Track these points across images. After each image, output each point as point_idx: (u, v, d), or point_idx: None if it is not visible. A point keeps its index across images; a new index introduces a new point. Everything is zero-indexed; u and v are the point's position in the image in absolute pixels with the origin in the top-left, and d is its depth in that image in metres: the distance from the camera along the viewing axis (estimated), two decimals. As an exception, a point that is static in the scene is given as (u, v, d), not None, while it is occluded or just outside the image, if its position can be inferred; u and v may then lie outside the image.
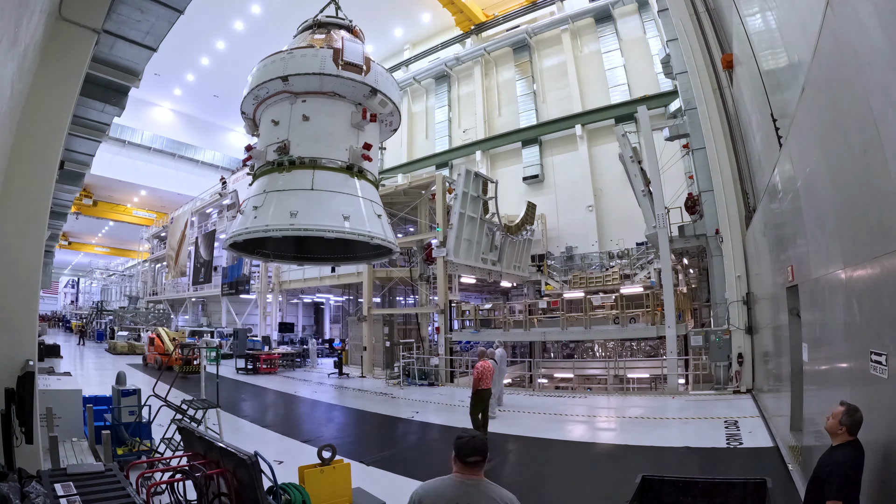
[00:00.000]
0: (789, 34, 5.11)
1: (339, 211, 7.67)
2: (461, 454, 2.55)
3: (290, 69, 7.89)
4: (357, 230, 7.77)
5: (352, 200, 7.92)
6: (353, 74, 7.96)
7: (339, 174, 7.97)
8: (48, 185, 5.18)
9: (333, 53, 7.92)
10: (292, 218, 7.46)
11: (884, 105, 2.59)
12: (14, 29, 3.53)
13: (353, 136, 8.19)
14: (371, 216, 8.12)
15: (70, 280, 71.02)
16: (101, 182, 37.71)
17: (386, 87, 8.58)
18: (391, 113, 8.96)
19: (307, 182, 7.73)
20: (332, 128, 8.12)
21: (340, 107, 8.21)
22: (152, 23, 6.01)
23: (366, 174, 8.37)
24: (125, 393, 7.36)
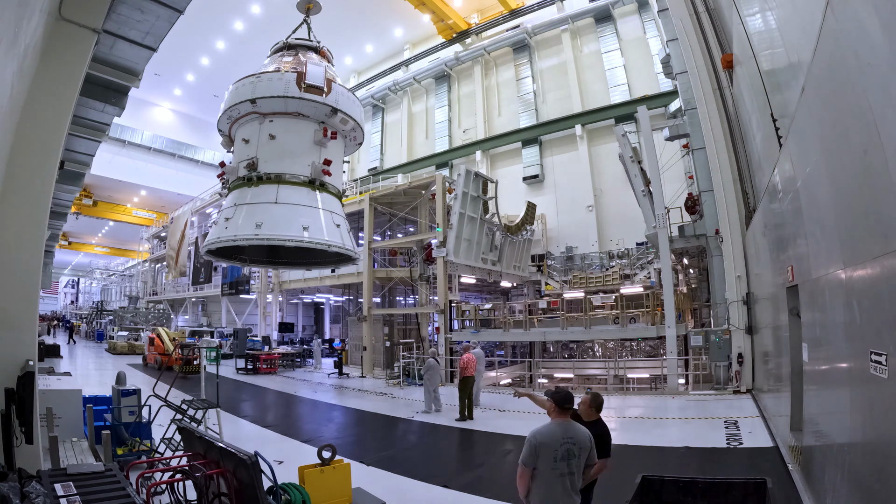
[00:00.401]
0: (789, 34, 5.11)
1: (300, 222, 8.55)
2: (561, 403, 3.55)
3: (257, 92, 8.70)
4: (315, 239, 8.56)
5: (312, 212, 8.77)
6: (315, 96, 8.74)
7: (301, 188, 8.83)
8: (48, 185, 5.17)
9: (297, 77, 8.71)
10: (257, 228, 8.33)
11: (884, 105, 2.59)
12: (14, 29, 3.53)
13: (315, 153, 9.00)
14: (330, 226, 8.93)
15: (70, 280, 71.02)
16: (101, 182, 37.70)
17: (346, 106, 9.31)
18: (353, 129, 9.72)
19: (272, 196, 8.64)
20: (296, 146, 8.96)
21: (304, 126, 9.02)
22: (152, 23, 6.01)
23: (328, 187, 9.14)
24: (125, 393, 7.36)
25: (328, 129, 9.02)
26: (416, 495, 6.24)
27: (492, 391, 15.32)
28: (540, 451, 3.31)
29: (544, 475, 3.31)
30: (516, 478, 3.42)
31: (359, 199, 23.20)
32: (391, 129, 37.37)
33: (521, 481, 3.40)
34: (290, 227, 8.50)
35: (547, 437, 3.36)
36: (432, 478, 6.80)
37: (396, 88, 36.26)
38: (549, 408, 3.60)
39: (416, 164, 33.26)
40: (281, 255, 10.12)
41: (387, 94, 37.08)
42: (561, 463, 3.34)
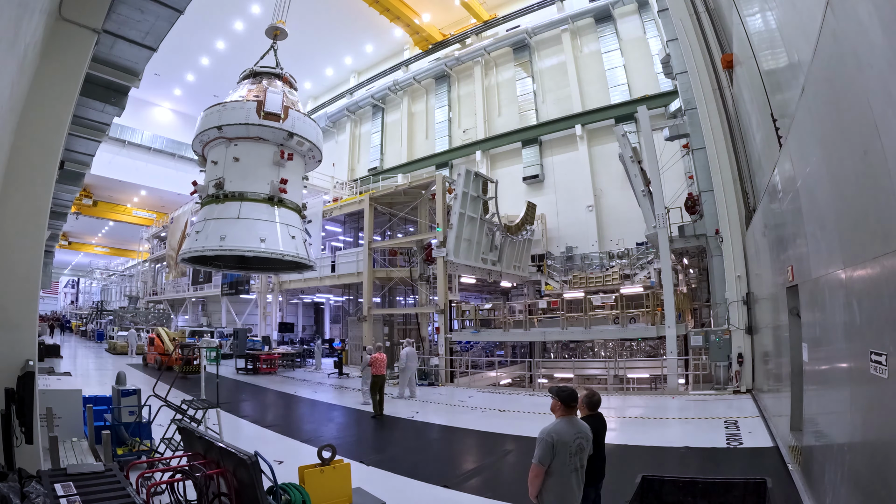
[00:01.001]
0: (789, 34, 5.11)
1: (258, 234, 9.73)
2: (567, 401, 3.61)
3: (222, 120, 9.89)
4: (271, 250, 9.76)
5: (269, 226, 9.97)
6: (272, 122, 9.91)
7: (261, 204, 10.02)
8: (48, 185, 5.17)
9: (257, 105, 9.90)
10: (221, 241, 9.55)
11: (884, 105, 2.59)
12: (14, 29, 3.53)
13: (274, 173, 10.13)
14: (286, 238, 10.12)
15: (70, 280, 71.03)
16: (101, 182, 37.67)
17: (302, 129, 10.43)
18: (310, 149, 10.83)
19: (235, 212, 9.82)
20: (257, 167, 10.08)
21: (264, 148, 10.14)
22: (152, 23, 6.01)
23: (286, 203, 10.28)
24: (125, 393, 7.36)
25: (285, 151, 10.20)
26: (416, 495, 6.24)
27: (491, 391, 15.33)
28: (558, 448, 3.40)
29: (560, 472, 3.41)
30: (529, 477, 3.43)
31: (359, 199, 23.22)
32: (391, 129, 37.38)
33: (536, 480, 3.42)
34: (249, 240, 9.71)
35: (563, 434, 3.45)
36: (432, 477, 6.79)
37: (396, 88, 36.28)
38: (555, 406, 3.67)
39: (416, 164, 33.28)
40: (248, 262, 11.22)
41: (387, 94, 37.09)
42: (574, 458, 3.48)
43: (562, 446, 3.41)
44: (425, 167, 32.42)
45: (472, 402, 12.91)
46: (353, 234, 28.69)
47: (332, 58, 40.19)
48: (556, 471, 3.40)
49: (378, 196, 21.96)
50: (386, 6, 30.51)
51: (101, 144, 9.61)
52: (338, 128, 42.09)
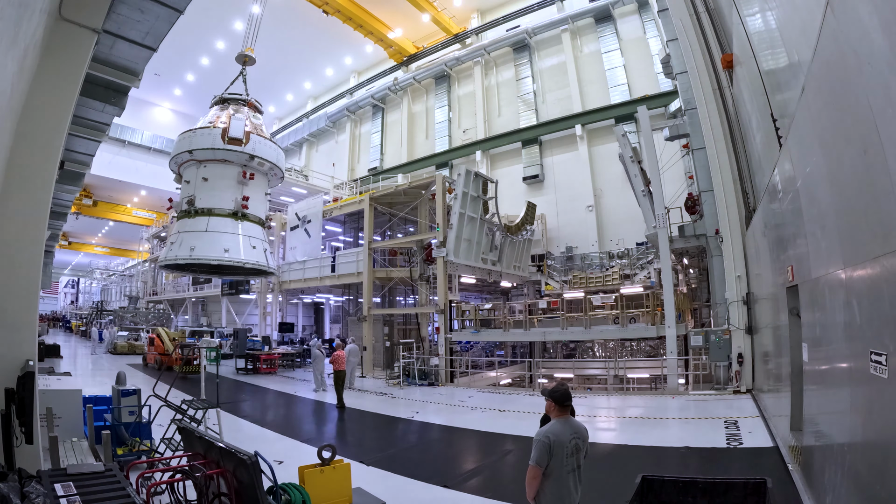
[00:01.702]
0: (789, 34, 5.11)
1: (223, 245, 11.20)
2: (560, 401, 3.63)
3: (193, 145, 11.35)
4: (233, 259, 11.26)
5: (233, 237, 11.40)
6: (235, 147, 11.29)
7: (226, 219, 11.41)
8: (48, 185, 5.18)
9: (222, 132, 11.26)
10: (191, 251, 10.98)
11: (884, 105, 2.59)
12: (14, 29, 3.53)
13: (238, 191, 11.54)
14: (247, 248, 11.58)
15: (70, 280, 70.99)
16: (101, 182, 37.66)
17: (262, 151, 11.82)
18: (271, 168, 12.14)
19: (204, 225, 11.22)
20: (223, 186, 11.50)
21: (229, 169, 11.54)
22: (152, 23, 6.01)
23: (249, 217, 11.69)
24: (125, 393, 7.36)
25: (247, 171, 11.63)
26: (416, 495, 6.24)
27: (491, 391, 15.33)
28: (555, 449, 3.38)
29: (557, 473, 3.39)
30: (527, 479, 3.40)
31: (359, 199, 23.21)
32: (391, 129, 37.40)
33: (534, 482, 3.40)
34: (215, 250, 11.17)
35: (559, 435, 3.43)
36: (433, 477, 6.79)
37: (396, 88, 36.28)
38: (550, 407, 3.66)
39: (416, 164, 33.28)
40: (218, 268, 12.37)
41: (387, 94, 37.10)
42: (570, 459, 3.45)
43: (558, 447, 3.39)
44: (425, 167, 32.43)
45: (472, 402, 12.91)
46: (353, 234, 28.69)
47: (332, 58, 40.27)
48: (553, 472, 3.39)
49: (378, 196, 21.96)
50: (359, 23, 32.48)
51: (101, 144, 9.60)
52: (338, 128, 42.11)
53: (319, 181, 32.66)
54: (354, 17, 31.73)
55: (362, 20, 32.23)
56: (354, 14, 31.75)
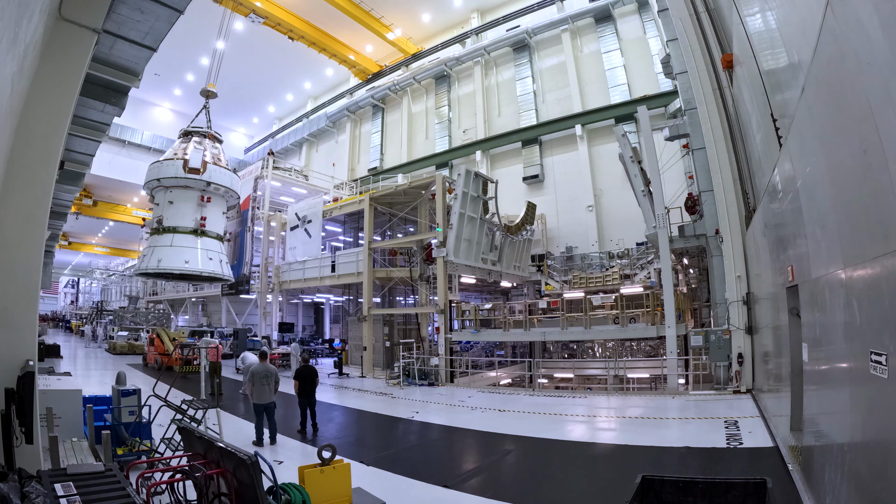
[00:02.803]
0: (789, 34, 5.11)
1: (184, 257, 14.20)
2: (262, 357, 8.73)
3: (160, 174, 14.45)
4: (191, 269, 14.41)
5: (193, 251, 14.47)
6: (194, 175, 14.26)
7: (188, 235, 14.45)
8: (48, 185, 5.18)
9: (183, 163, 14.19)
10: (158, 262, 13.95)
11: (884, 105, 2.59)
12: (14, 29, 3.53)
13: (198, 211, 14.60)
14: (205, 259, 14.78)
15: (70, 280, 70.98)
16: (101, 182, 37.69)
17: (217, 178, 14.91)
18: (226, 192, 15.44)
19: (169, 241, 14.30)
20: (185, 207, 14.48)
21: (190, 193, 14.59)
22: (152, 23, 6.01)
23: (207, 233, 14.95)
24: (125, 393, 7.36)
25: (205, 195, 14.67)
26: (416, 495, 6.24)
27: (491, 391, 15.33)
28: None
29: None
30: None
31: (359, 199, 23.22)
32: (391, 129, 37.40)
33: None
34: (178, 261, 14.15)
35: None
36: (433, 477, 6.79)
37: (396, 88, 36.28)
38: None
39: (416, 164, 33.30)
40: (183, 276, 15.40)
41: (387, 94, 37.10)
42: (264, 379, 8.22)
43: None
44: (425, 167, 32.44)
45: (472, 402, 12.91)
46: (353, 234, 28.70)
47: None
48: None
49: (378, 196, 21.96)
50: (322, 46, 35.82)
51: (101, 144, 9.60)
52: (338, 128, 42.12)
53: (319, 181, 32.66)
54: (318, 42, 35.42)
55: (325, 44, 35.86)
56: (318, 39, 35.24)
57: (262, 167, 28.56)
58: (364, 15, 32.88)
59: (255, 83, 42.59)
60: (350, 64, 38.51)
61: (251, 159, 45.56)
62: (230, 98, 46.14)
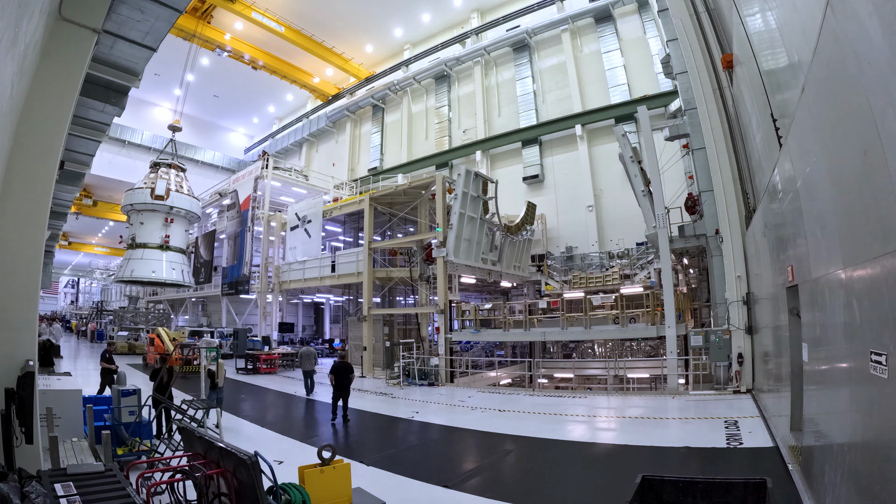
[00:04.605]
0: (789, 34, 5.11)
1: (151, 268, 17.48)
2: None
3: (133, 200, 17.94)
4: (158, 277, 17.81)
5: (159, 263, 17.70)
6: (159, 201, 17.65)
7: (156, 250, 17.80)
8: (48, 185, 5.18)
9: (150, 191, 17.49)
10: (132, 272, 17.25)
11: (884, 105, 2.59)
12: (14, 29, 3.53)
13: (163, 230, 17.94)
14: (168, 269, 18.13)
15: (70, 280, 70.96)
16: (101, 182, 37.71)
17: (179, 202, 18.43)
18: (186, 213, 19.07)
19: (140, 255, 17.57)
20: (153, 227, 17.82)
21: (157, 216, 17.97)
22: (152, 23, 6.01)
23: (171, 248, 18.34)
24: (125, 393, 7.36)
25: (168, 217, 18.06)
26: (416, 495, 6.24)
27: (491, 391, 15.33)
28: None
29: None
30: None
31: (359, 199, 23.22)
32: (391, 129, 37.40)
33: None
34: (147, 271, 17.44)
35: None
36: (433, 477, 6.80)
37: (396, 88, 36.28)
38: None
39: (416, 164, 33.29)
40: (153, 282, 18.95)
41: (387, 94, 37.10)
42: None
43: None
44: (425, 167, 32.43)
45: (472, 402, 12.91)
46: (353, 234, 28.69)
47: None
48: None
49: (378, 196, 21.96)
50: (283, 74, 40.53)
51: (101, 144, 9.60)
52: (338, 128, 42.12)
53: (319, 181, 32.66)
54: (279, 71, 40.19)
55: (285, 73, 40.58)
56: (278, 69, 39.96)
57: (261, 167, 28.55)
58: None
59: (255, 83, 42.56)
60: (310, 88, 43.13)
61: (251, 159, 45.56)
62: (230, 98, 46.21)
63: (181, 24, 30.60)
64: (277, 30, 34.79)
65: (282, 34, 35.11)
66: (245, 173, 30.74)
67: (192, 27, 32.90)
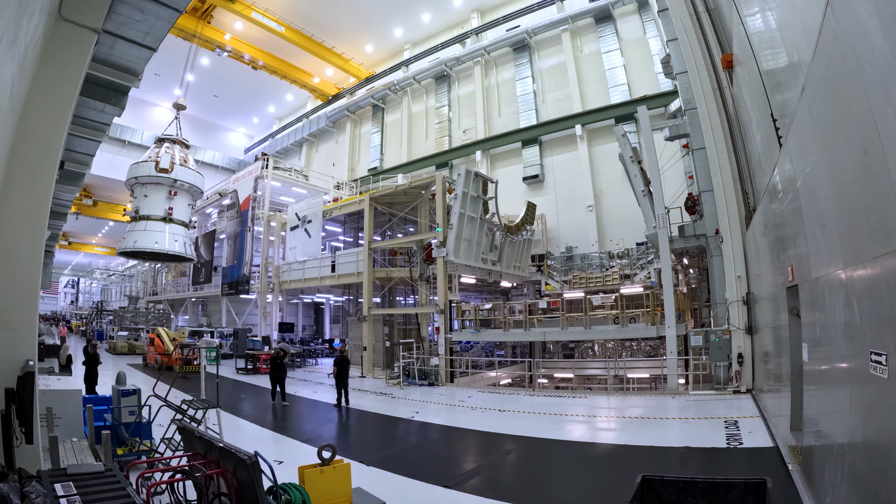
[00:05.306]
0: (789, 34, 5.11)
1: (154, 239, 17.43)
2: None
3: (138, 173, 17.86)
4: (161, 248, 17.51)
5: (162, 234, 17.63)
6: (163, 174, 17.57)
7: (159, 222, 17.69)
8: (48, 185, 5.17)
9: (155, 164, 17.59)
10: (135, 242, 17.23)
11: (884, 105, 2.59)
12: (14, 29, 3.53)
13: (167, 203, 17.89)
14: (171, 241, 18.00)
15: (70, 280, 71.02)
16: (101, 182, 37.72)
17: (182, 176, 18.29)
18: (190, 187, 18.74)
19: (144, 226, 17.54)
20: (157, 199, 17.80)
21: (161, 189, 17.90)
22: (152, 23, 6.00)
23: (174, 220, 18.11)
24: (125, 393, 7.36)
25: (172, 190, 17.89)
26: (416, 495, 6.24)
27: (491, 391, 15.33)
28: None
29: None
30: None
31: (359, 199, 23.22)
32: (391, 129, 37.39)
33: None
34: (150, 242, 17.36)
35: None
36: (433, 477, 6.80)
37: (396, 88, 36.29)
38: None
39: (416, 164, 33.29)
40: (155, 256, 19.04)
41: (387, 94, 37.10)
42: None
43: None
44: (425, 167, 32.44)
45: (472, 402, 12.91)
46: (353, 234, 28.69)
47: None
48: None
49: (378, 196, 21.96)
50: (283, 74, 40.78)
51: (101, 144, 9.60)
52: (338, 128, 42.11)
53: (319, 181, 32.67)
54: (279, 71, 40.45)
55: (285, 73, 40.89)
56: (278, 69, 40.25)
57: (261, 167, 28.56)
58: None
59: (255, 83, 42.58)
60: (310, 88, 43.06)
61: (251, 159, 45.57)
62: (230, 98, 46.21)
63: (181, 24, 30.58)
64: (277, 30, 34.86)
65: (282, 34, 35.17)
66: (245, 173, 30.74)
67: (192, 27, 32.92)
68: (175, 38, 32.07)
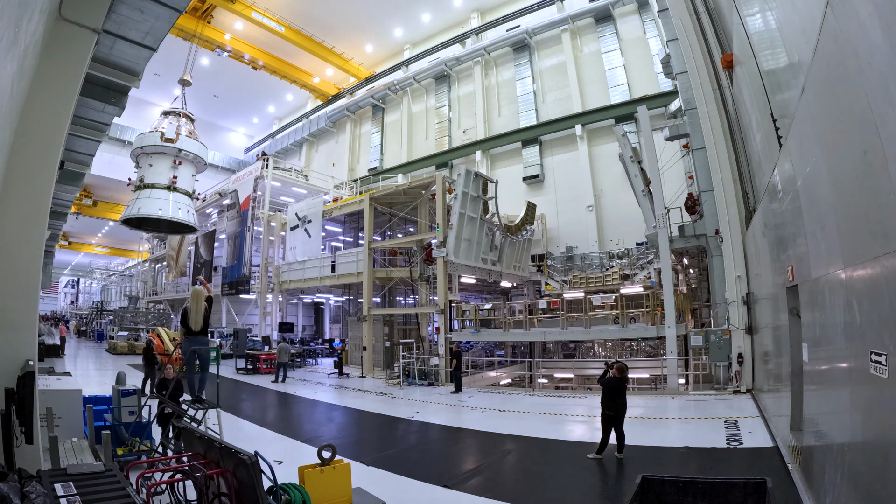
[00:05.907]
0: (789, 34, 5.11)
1: (158, 206, 17.36)
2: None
3: (143, 143, 17.93)
4: (164, 215, 17.34)
5: (166, 202, 17.59)
6: (168, 144, 17.59)
7: (163, 190, 17.64)
8: (48, 185, 5.17)
9: (161, 134, 17.67)
10: (139, 210, 17.11)
11: (884, 105, 2.59)
12: (14, 29, 3.53)
13: (171, 172, 17.84)
14: (175, 208, 17.71)
15: (70, 280, 70.98)
16: (101, 182, 37.66)
17: (187, 146, 18.11)
18: (195, 157, 18.54)
19: (148, 194, 17.50)
20: (161, 168, 17.76)
21: (166, 158, 17.86)
22: (152, 23, 6.00)
23: (178, 189, 17.95)
24: (125, 393, 7.36)
25: (177, 159, 17.96)
26: (416, 495, 6.24)
27: (491, 391, 15.33)
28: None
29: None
30: None
31: (359, 199, 23.22)
32: (391, 129, 37.39)
33: None
34: (154, 209, 17.28)
35: None
36: (433, 477, 6.80)
37: (396, 88, 36.29)
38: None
39: (416, 164, 33.29)
40: (158, 225, 18.66)
41: (387, 94, 37.09)
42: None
43: None
44: (425, 167, 32.43)
45: (472, 402, 12.91)
46: (353, 234, 28.69)
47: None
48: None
49: (378, 196, 21.96)
50: (283, 74, 40.61)
51: (101, 144, 9.59)
52: (338, 128, 42.10)
53: (319, 181, 32.67)
54: (279, 71, 40.24)
55: (286, 74, 40.66)
56: (278, 69, 40.03)
57: (261, 167, 28.56)
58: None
59: (255, 83, 42.58)
60: (310, 88, 42.85)
61: (251, 159, 45.56)
62: (230, 98, 46.19)
63: (181, 24, 30.54)
64: (277, 30, 34.89)
65: (282, 34, 35.21)
66: (245, 173, 30.73)
67: (192, 27, 32.92)
68: (175, 38, 32.03)
